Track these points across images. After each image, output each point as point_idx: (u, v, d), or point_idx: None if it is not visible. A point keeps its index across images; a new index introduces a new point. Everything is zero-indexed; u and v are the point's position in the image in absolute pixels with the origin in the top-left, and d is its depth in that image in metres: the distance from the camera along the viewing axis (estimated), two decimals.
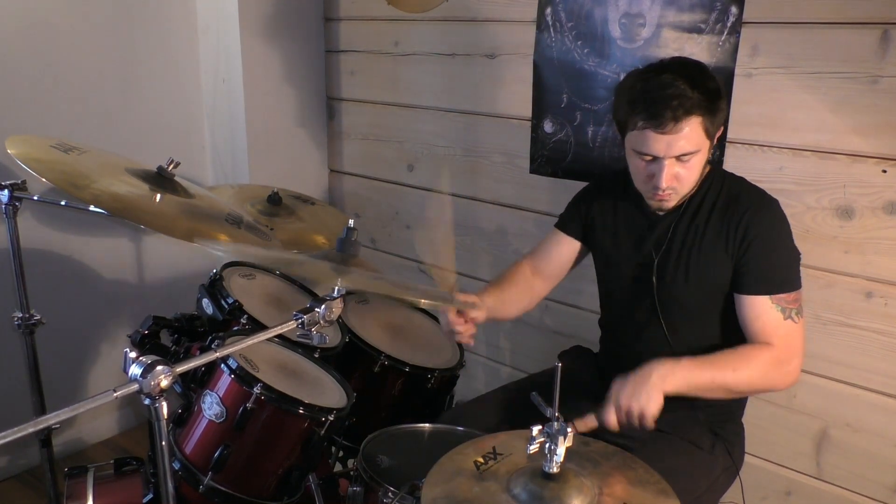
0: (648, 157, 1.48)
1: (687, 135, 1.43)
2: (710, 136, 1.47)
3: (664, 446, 1.53)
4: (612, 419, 1.43)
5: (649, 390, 1.40)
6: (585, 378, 1.78)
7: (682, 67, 1.47)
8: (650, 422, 1.40)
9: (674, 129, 1.43)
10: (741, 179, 1.59)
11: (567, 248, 1.79)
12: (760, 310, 1.49)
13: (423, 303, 1.97)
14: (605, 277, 1.75)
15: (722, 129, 1.52)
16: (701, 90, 1.43)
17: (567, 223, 1.79)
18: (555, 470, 1.08)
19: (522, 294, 1.80)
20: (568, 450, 1.08)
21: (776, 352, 1.47)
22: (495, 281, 1.81)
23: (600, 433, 1.43)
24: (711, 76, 1.48)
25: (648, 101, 1.44)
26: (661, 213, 1.60)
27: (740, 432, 1.68)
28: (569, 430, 1.07)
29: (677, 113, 1.42)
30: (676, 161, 1.47)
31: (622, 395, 1.42)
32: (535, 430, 1.08)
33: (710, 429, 1.57)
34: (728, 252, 1.51)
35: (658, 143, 1.45)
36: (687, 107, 1.42)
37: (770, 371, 1.48)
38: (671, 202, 1.54)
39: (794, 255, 1.52)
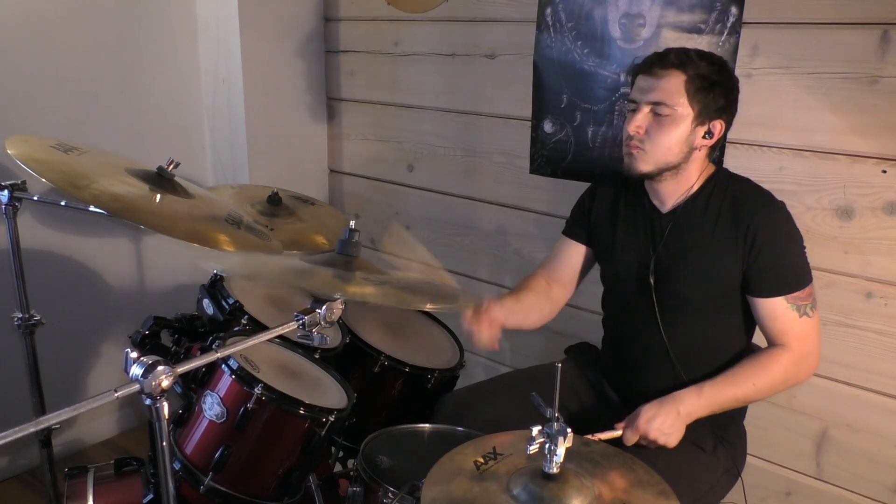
0: (633, 107, 1.54)
1: (665, 86, 1.48)
2: (693, 106, 1.48)
3: (667, 448, 1.53)
4: (632, 440, 1.47)
5: (678, 425, 1.46)
6: (590, 375, 1.79)
7: (706, 52, 1.52)
8: (669, 447, 1.47)
9: (656, 72, 1.49)
10: (746, 180, 1.59)
11: (576, 253, 1.79)
12: (776, 311, 1.51)
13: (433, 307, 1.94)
14: (606, 276, 1.75)
15: (722, 127, 1.52)
16: (705, 65, 1.48)
17: (573, 228, 1.79)
18: (554, 470, 1.08)
19: (542, 301, 1.77)
20: (568, 450, 1.08)
21: (793, 351, 1.51)
22: (512, 292, 1.79)
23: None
24: (729, 71, 1.53)
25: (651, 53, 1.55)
26: (662, 212, 1.60)
27: (743, 434, 1.69)
28: (589, 436, 1.07)
29: (665, 59, 1.50)
30: (651, 113, 1.51)
31: (652, 425, 1.46)
32: (535, 430, 1.08)
33: (713, 431, 1.58)
34: (737, 255, 1.51)
35: (639, 85, 1.53)
36: (677, 61, 1.48)
37: (790, 372, 1.52)
38: (639, 161, 1.53)
39: (803, 252, 1.53)
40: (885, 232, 1.74)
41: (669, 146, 1.50)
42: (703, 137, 1.51)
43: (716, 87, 1.48)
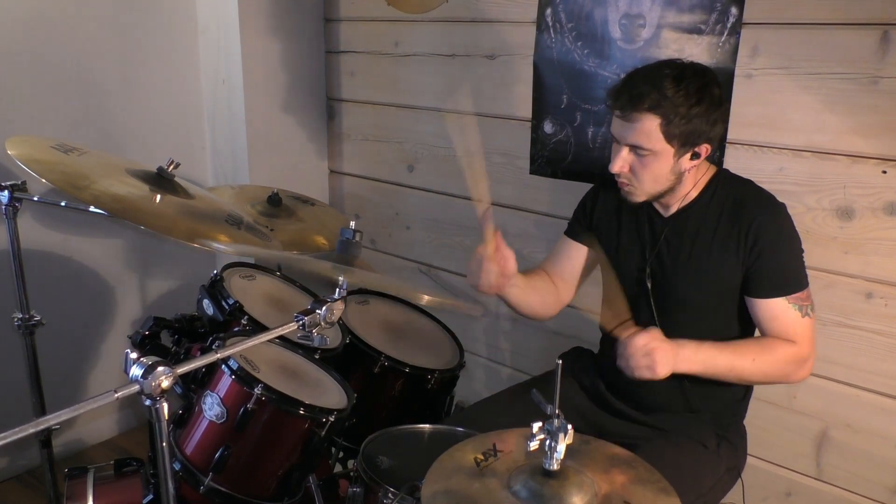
0: (616, 141, 1.51)
1: (640, 129, 1.44)
2: (673, 143, 1.45)
3: (670, 445, 1.53)
4: (626, 335, 1.43)
5: (668, 359, 1.41)
6: (585, 380, 1.78)
7: (688, 69, 1.45)
8: (637, 377, 1.41)
9: (628, 116, 1.45)
10: (748, 182, 1.58)
11: (577, 254, 1.78)
12: (778, 311, 1.50)
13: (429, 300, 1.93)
14: (607, 278, 1.74)
15: (709, 148, 1.49)
16: (681, 99, 1.41)
17: (575, 229, 1.79)
18: (555, 467, 1.08)
19: (549, 288, 1.76)
20: (568, 447, 1.08)
21: (798, 349, 1.50)
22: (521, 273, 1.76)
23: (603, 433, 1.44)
24: (710, 93, 1.44)
25: (623, 82, 1.48)
26: (664, 216, 1.60)
27: (743, 434, 1.69)
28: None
29: (636, 103, 1.43)
30: (632, 153, 1.48)
31: (652, 339, 1.41)
32: (536, 427, 1.08)
33: (715, 431, 1.59)
34: (738, 257, 1.51)
35: (616, 125, 1.49)
36: (649, 103, 1.41)
37: (789, 366, 1.51)
38: (633, 195, 1.54)
39: (801, 255, 1.53)
40: (885, 232, 1.74)
41: (655, 179, 1.50)
42: (691, 159, 1.49)
43: (695, 119, 1.43)
